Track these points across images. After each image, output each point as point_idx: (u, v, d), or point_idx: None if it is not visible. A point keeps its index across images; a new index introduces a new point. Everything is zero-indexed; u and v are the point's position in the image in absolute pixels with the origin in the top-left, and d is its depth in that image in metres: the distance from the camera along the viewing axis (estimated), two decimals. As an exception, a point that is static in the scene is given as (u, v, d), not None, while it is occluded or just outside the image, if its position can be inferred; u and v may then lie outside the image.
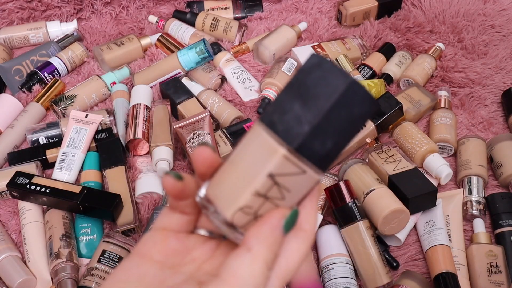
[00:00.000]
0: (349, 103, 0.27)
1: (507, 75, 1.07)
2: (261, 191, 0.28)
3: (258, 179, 0.28)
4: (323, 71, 0.27)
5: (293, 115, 0.27)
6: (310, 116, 0.27)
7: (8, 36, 1.11)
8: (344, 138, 0.28)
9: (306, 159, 0.28)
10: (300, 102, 0.27)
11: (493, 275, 0.74)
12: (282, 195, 0.29)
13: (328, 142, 0.27)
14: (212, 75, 1.00)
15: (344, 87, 0.26)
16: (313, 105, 0.27)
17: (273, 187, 0.28)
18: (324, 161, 0.28)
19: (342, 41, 1.09)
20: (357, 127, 0.28)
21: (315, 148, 0.27)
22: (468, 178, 0.85)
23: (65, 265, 0.72)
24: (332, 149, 0.28)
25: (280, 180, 0.28)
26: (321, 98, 0.27)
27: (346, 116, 0.27)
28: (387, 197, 0.76)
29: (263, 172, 0.28)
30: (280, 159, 0.27)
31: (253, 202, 0.28)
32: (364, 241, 0.74)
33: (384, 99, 0.90)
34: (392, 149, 0.85)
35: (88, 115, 0.91)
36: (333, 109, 0.27)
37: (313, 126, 0.27)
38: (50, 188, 0.77)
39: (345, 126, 0.27)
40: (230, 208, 0.29)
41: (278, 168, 0.28)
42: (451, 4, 1.18)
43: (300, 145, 0.27)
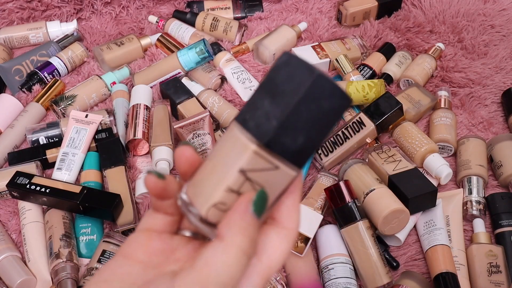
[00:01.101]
0: (317, 97, 0.27)
1: (507, 75, 1.07)
2: (233, 187, 0.28)
3: (230, 175, 0.28)
4: (290, 68, 0.28)
5: (262, 112, 0.28)
6: (278, 112, 0.27)
7: (8, 36, 1.11)
8: (317, 133, 0.28)
9: (278, 154, 0.28)
10: (269, 99, 0.27)
11: (493, 275, 0.74)
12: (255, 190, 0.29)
13: (300, 137, 0.27)
14: (212, 75, 1.00)
15: (310, 82, 0.27)
16: (281, 101, 0.27)
17: (245, 183, 0.28)
18: (298, 156, 0.28)
19: (342, 41, 1.09)
20: (330, 121, 0.28)
21: (286, 143, 0.27)
22: (468, 178, 0.85)
23: (65, 265, 0.72)
24: (305, 144, 0.28)
25: (252, 175, 0.28)
26: (288, 94, 0.27)
27: (315, 110, 0.27)
28: (387, 197, 0.76)
29: (234, 168, 0.28)
30: (250, 154, 0.28)
31: (226, 199, 0.29)
32: (364, 241, 0.74)
33: (384, 99, 0.90)
34: (392, 149, 0.85)
35: (88, 115, 0.91)
36: (301, 104, 0.27)
37: (281, 121, 0.27)
38: (50, 188, 0.77)
39: (316, 121, 0.27)
40: (205, 205, 0.29)
41: (249, 164, 0.28)
42: (451, 4, 1.18)
43: (269, 141, 0.27)
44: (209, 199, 0.29)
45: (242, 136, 0.28)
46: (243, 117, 0.29)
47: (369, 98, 0.92)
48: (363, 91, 0.93)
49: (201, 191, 0.30)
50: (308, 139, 0.28)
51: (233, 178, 0.28)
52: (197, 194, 0.30)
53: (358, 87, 0.93)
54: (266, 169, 0.28)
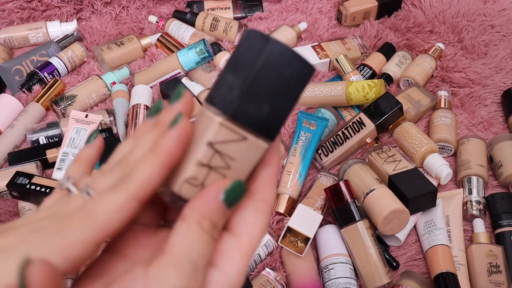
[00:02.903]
0: (276, 65, 0.28)
1: (507, 75, 1.07)
2: (203, 161, 0.29)
3: (199, 149, 0.28)
4: (250, 41, 0.28)
5: (226, 86, 0.28)
6: (239, 83, 0.28)
7: (8, 36, 1.11)
8: (282, 101, 0.28)
9: (244, 125, 0.28)
10: (232, 73, 0.28)
11: (493, 275, 0.74)
12: (226, 164, 0.29)
13: (264, 106, 0.28)
14: (212, 75, 1.00)
15: (266, 50, 0.27)
16: (241, 72, 0.28)
17: (214, 155, 0.29)
18: (266, 127, 0.29)
19: (342, 41, 1.09)
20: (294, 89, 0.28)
21: (251, 113, 0.28)
22: (468, 178, 0.85)
23: (65, 265, 0.72)
24: (271, 114, 0.28)
25: (220, 148, 0.28)
26: (247, 65, 0.28)
27: (276, 78, 0.28)
28: (387, 197, 0.76)
29: (202, 141, 0.28)
30: (216, 126, 0.28)
31: (198, 173, 0.29)
32: (364, 241, 0.74)
33: (384, 99, 0.90)
34: (392, 149, 0.85)
35: (88, 115, 0.91)
36: (260, 73, 0.27)
37: (243, 91, 0.27)
38: (50, 188, 0.77)
39: (278, 89, 0.28)
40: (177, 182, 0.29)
41: (216, 136, 0.28)
42: (451, 4, 1.18)
43: (233, 111, 0.28)
44: (181, 175, 0.29)
45: (208, 111, 0.28)
46: (210, 95, 0.29)
47: (369, 98, 0.92)
48: (363, 91, 0.93)
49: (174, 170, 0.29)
50: (274, 108, 0.28)
51: (202, 151, 0.28)
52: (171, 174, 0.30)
53: (358, 87, 0.93)
54: (234, 140, 0.28)
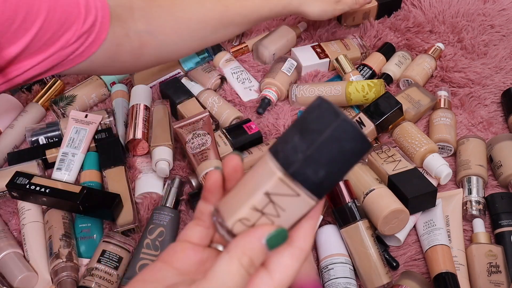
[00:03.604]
0: (340, 138, 0.31)
1: (507, 75, 1.07)
2: (258, 207, 0.33)
3: (256, 196, 0.33)
4: (321, 110, 0.32)
5: (292, 145, 0.32)
6: (305, 147, 0.31)
7: (8, 36, 1.11)
8: (337, 169, 0.32)
9: (300, 183, 0.32)
10: (299, 135, 0.32)
11: (492, 275, 0.74)
12: (277, 212, 0.33)
13: (321, 171, 0.31)
14: (212, 75, 1.00)
15: (335, 124, 0.31)
16: (308, 138, 0.31)
17: (268, 204, 0.33)
18: (318, 188, 0.32)
19: (342, 41, 1.09)
20: (350, 161, 0.32)
21: (308, 175, 0.31)
22: (467, 178, 0.86)
23: (65, 265, 0.72)
24: (325, 178, 0.32)
25: (275, 199, 0.32)
26: (315, 133, 0.31)
27: (337, 150, 0.31)
28: (386, 197, 0.76)
29: (261, 190, 0.32)
30: (276, 180, 0.32)
31: (251, 215, 0.33)
32: (363, 241, 0.74)
33: (383, 99, 0.90)
34: (391, 149, 0.85)
35: (87, 115, 0.91)
36: (325, 143, 0.31)
37: (306, 155, 0.31)
38: (50, 188, 0.77)
39: (336, 159, 0.31)
40: (231, 219, 0.34)
41: (274, 188, 0.32)
42: (451, 4, 1.18)
43: (294, 171, 0.31)
44: (236, 214, 0.33)
45: (271, 163, 0.32)
46: (275, 148, 0.33)
47: (369, 98, 0.92)
48: (362, 91, 0.93)
49: (230, 206, 0.34)
50: (328, 174, 0.32)
51: (259, 198, 0.33)
52: (227, 208, 0.35)
53: (358, 87, 0.93)
54: (289, 195, 0.32)
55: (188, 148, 0.84)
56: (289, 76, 0.99)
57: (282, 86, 0.98)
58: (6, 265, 0.73)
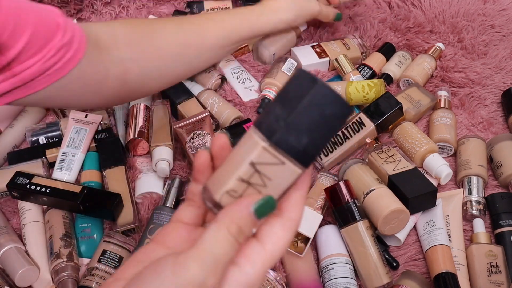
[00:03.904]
0: (319, 104, 0.31)
1: (507, 75, 1.07)
2: (244, 177, 0.33)
3: (242, 167, 0.33)
4: (299, 79, 0.32)
5: (273, 115, 0.32)
6: (285, 115, 0.32)
7: (8, 36, 1.11)
8: (319, 136, 0.32)
9: (284, 151, 0.32)
10: (280, 105, 0.32)
11: (493, 275, 0.74)
12: (263, 182, 0.33)
13: (303, 138, 0.32)
14: (212, 75, 1.00)
15: (313, 91, 0.31)
16: (288, 106, 0.32)
17: (254, 174, 0.33)
18: (303, 155, 0.33)
19: (342, 41, 1.09)
20: (332, 127, 0.33)
21: (291, 142, 0.32)
22: (468, 178, 0.86)
23: (66, 265, 0.72)
24: (308, 145, 0.32)
25: (260, 168, 0.33)
26: (294, 100, 0.32)
27: (317, 115, 0.31)
28: (387, 197, 0.76)
29: (246, 161, 0.33)
30: (260, 150, 0.32)
31: (238, 187, 0.34)
32: (364, 241, 0.74)
33: (384, 99, 0.90)
34: (392, 149, 0.85)
35: (88, 115, 0.91)
36: (304, 109, 0.31)
37: (287, 122, 0.31)
38: (50, 188, 0.77)
39: (318, 125, 0.32)
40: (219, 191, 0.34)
41: (258, 158, 0.33)
42: (451, 4, 1.18)
43: (277, 139, 0.32)
44: (223, 187, 0.34)
45: (255, 135, 0.33)
46: (259, 121, 0.34)
47: (369, 98, 0.92)
48: (363, 91, 0.93)
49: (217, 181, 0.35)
50: (312, 140, 0.32)
51: (244, 169, 0.33)
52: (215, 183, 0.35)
53: (358, 87, 0.93)
54: (273, 163, 0.33)
55: (188, 148, 0.84)
56: (289, 76, 0.99)
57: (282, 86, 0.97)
58: (8, 260, 0.73)
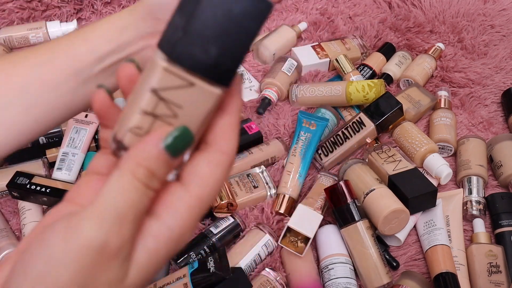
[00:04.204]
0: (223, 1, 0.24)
1: (507, 75, 1.07)
2: (147, 109, 0.27)
3: (143, 97, 0.26)
4: None
5: (172, 25, 0.26)
6: (183, 22, 0.25)
7: (8, 36, 1.11)
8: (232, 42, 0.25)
9: (190, 69, 0.25)
10: (179, 12, 0.25)
11: (493, 275, 0.74)
12: (173, 112, 0.27)
13: (211, 48, 0.25)
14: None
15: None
16: (186, 10, 0.25)
17: (159, 103, 0.26)
18: (216, 71, 0.26)
19: (342, 41, 1.09)
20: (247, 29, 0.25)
21: (197, 56, 0.25)
22: (468, 178, 0.86)
23: (65, 265, 0.72)
24: (220, 56, 0.25)
25: (165, 95, 0.26)
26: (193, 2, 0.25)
27: (224, 16, 0.24)
28: (387, 197, 0.76)
29: (146, 88, 0.26)
30: (160, 71, 0.26)
31: (142, 122, 0.27)
32: (364, 241, 0.74)
33: (384, 99, 0.90)
34: (392, 149, 0.85)
35: (88, 115, 0.91)
36: (204, 9, 0.24)
37: (185, 31, 0.25)
38: (50, 188, 0.77)
39: (227, 28, 0.25)
40: (122, 130, 0.28)
41: (160, 82, 0.26)
42: (451, 4, 1.18)
43: (178, 55, 0.25)
44: (126, 124, 0.27)
45: (155, 56, 0.26)
46: (160, 39, 0.26)
47: (369, 98, 0.92)
48: (363, 91, 0.93)
49: (122, 117, 0.28)
50: (223, 50, 0.25)
51: (146, 99, 0.26)
52: (119, 121, 0.28)
53: (358, 87, 0.93)
54: (180, 86, 0.26)
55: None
56: (290, 76, 0.99)
57: (282, 86, 0.98)
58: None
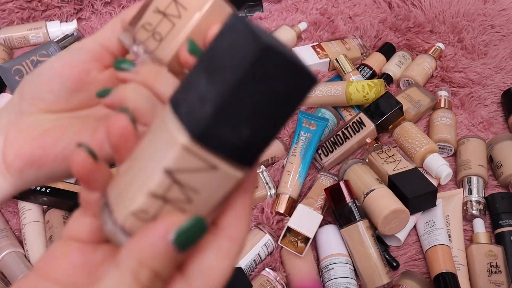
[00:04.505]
0: (265, 75, 0.20)
1: (507, 75, 1.07)
2: (157, 192, 0.22)
3: (154, 177, 0.22)
4: (235, 35, 0.21)
5: (197, 92, 0.21)
6: (214, 94, 0.20)
7: (8, 36, 1.11)
8: (267, 123, 0.21)
9: (215, 150, 0.21)
10: (206, 76, 0.21)
11: (493, 275, 0.74)
12: (187, 197, 0.22)
13: (243, 128, 0.21)
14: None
15: (254, 55, 0.20)
16: (218, 79, 0.20)
17: (172, 186, 0.22)
18: (243, 153, 0.22)
19: (342, 41, 1.09)
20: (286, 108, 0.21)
21: (225, 136, 0.21)
22: (468, 178, 0.86)
23: (65, 265, 0.72)
24: (251, 138, 0.21)
25: (181, 178, 0.22)
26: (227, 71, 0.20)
27: (263, 93, 0.20)
28: (387, 197, 0.76)
29: (158, 167, 0.22)
30: (178, 150, 0.21)
31: (149, 206, 0.22)
32: (364, 241, 0.74)
33: (384, 99, 0.90)
34: (392, 149, 0.85)
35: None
36: (242, 84, 0.20)
37: (218, 106, 0.20)
38: (50, 188, 0.77)
39: (265, 108, 0.21)
40: (123, 211, 0.23)
41: (176, 163, 0.21)
42: (451, 4, 1.18)
43: (203, 132, 0.21)
44: (129, 205, 0.23)
45: (171, 124, 0.22)
46: (175, 98, 0.22)
47: (369, 98, 0.92)
48: (363, 91, 0.93)
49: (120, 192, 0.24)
50: (256, 130, 0.21)
51: (157, 180, 0.22)
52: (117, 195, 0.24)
53: (358, 87, 0.93)
54: (200, 169, 0.22)
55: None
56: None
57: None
58: (7, 264, 0.73)
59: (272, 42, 0.20)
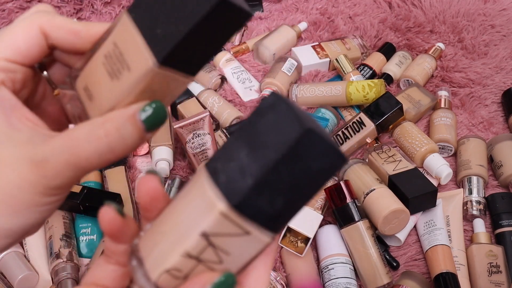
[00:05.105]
0: (304, 155, 0.22)
1: (507, 75, 1.07)
2: (192, 253, 0.24)
3: (190, 238, 0.24)
4: (277, 114, 0.23)
5: (237, 164, 0.23)
6: (255, 168, 0.22)
7: (8, 36, 1.11)
8: (299, 196, 0.24)
9: (250, 218, 0.23)
10: (248, 150, 0.23)
11: (493, 275, 0.74)
12: (219, 258, 0.24)
13: (278, 200, 0.23)
14: (212, 75, 1.00)
15: (297, 137, 0.22)
16: (260, 155, 0.22)
17: (207, 248, 0.24)
18: (274, 221, 0.24)
19: (342, 41, 1.09)
20: (317, 183, 0.24)
21: (261, 206, 0.23)
22: (468, 178, 0.85)
23: (66, 265, 0.72)
24: (283, 209, 0.24)
25: (216, 241, 0.24)
26: (269, 148, 0.22)
27: (300, 171, 0.23)
28: (387, 197, 0.76)
29: (196, 230, 0.23)
30: (216, 216, 0.23)
31: (183, 265, 0.24)
32: (364, 241, 0.74)
33: (384, 99, 0.90)
34: (392, 149, 0.85)
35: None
36: (283, 162, 0.22)
37: (258, 180, 0.22)
38: (50, 188, 0.77)
39: (299, 183, 0.23)
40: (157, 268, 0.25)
41: (214, 227, 0.23)
42: (451, 4, 1.18)
43: (241, 202, 0.23)
44: (163, 263, 0.24)
45: (210, 191, 0.23)
46: (214, 165, 0.24)
47: (369, 98, 0.92)
48: (363, 91, 0.93)
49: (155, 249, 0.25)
50: (288, 203, 0.24)
51: (193, 241, 0.24)
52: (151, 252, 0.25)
53: (358, 87, 0.93)
54: (235, 234, 0.24)
55: (189, 148, 0.84)
56: (290, 76, 0.99)
57: (282, 86, 0.98)
58: (7, 264, 0.73)
59: (313, 125, 0.22)
